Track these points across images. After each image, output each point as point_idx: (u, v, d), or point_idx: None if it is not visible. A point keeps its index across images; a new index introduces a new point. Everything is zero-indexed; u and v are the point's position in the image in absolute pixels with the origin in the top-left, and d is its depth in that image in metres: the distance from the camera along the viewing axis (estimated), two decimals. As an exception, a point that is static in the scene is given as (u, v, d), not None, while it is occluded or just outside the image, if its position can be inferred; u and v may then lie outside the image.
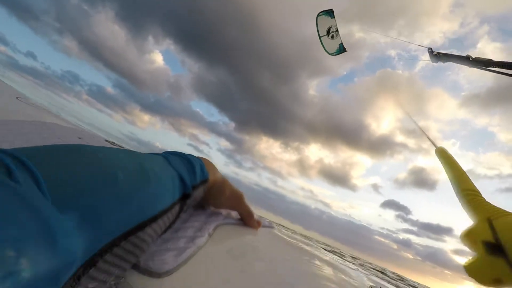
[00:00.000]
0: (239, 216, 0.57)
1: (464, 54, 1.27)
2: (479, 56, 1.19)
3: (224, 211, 0.56)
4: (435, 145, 0.79)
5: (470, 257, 0.44)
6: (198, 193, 0.45)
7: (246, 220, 0.56)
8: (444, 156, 0.71)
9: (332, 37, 4.21)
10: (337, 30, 4.14)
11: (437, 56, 1.59)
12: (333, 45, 4.25)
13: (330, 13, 3.99)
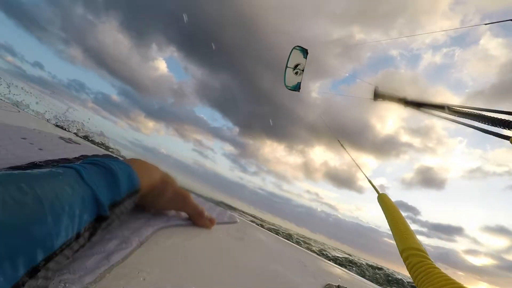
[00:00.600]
0: (187, 216, 0.56)
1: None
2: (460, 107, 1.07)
3: (170, 213, 0.54)
4: (377, 192, 0.75)
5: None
6: (123, 208, 0.40)
7: (195, 220, 0.55)
8: (387, 204, 0.66)
9: (296, 73, 4.44)
10: (302, 70, 4.41)
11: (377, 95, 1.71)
12: (293, 80, 4.47)
13: (304, 52, 4.26)
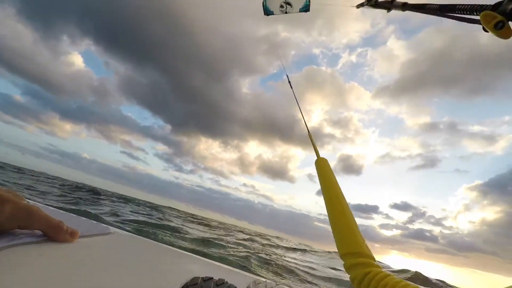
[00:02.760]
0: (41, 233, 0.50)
1: None
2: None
3: (17, 231, 0.48)
4: (317, 155, 0.67)
5: None
6: None
7: (52, 234, 0.49)
8: (323, 171, 0.58)
9: (281, 6, 4.11)
10: (286, 13, 4.08)
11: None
12: (273, 6, 4.16)
13: (306, 6, 3.89)
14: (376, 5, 1.85)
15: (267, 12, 4.25)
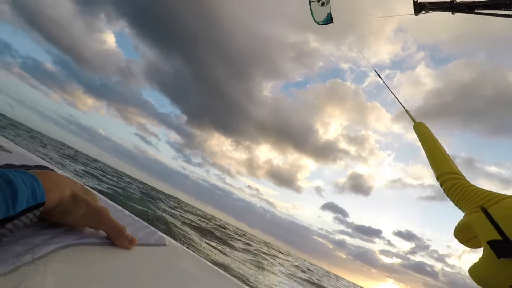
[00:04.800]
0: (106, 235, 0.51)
1: None
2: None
3: (86, 230, 0.50)
4: (414, 120, 0.72)
5: (477, 260, 0.35)
6: (19, 223, 0.38)
7: (113, 238, 0.51)
8: (422, 132, 0.64)
9: (323, 4, 4.00)
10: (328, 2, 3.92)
11: (421, 5, 1.50)
12: (322, 13, 4.06)
13: None
14: (435, 9, 1.53)
15: (328, 21, 4.12)
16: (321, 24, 4.13)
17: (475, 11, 1.09)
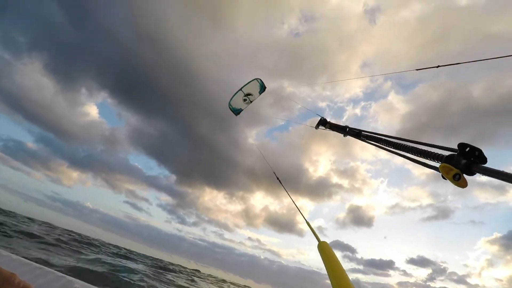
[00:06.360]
0: None
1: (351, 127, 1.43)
2: (361, 129, 1.35)
3: None
4: (318, 240, 0.76)
5: None
6: None
7: None
8: (325, 253, 0.67)
9: (245, 100, 4.53)
10: (251, 102, 4.53)
11: (324, 122, 1.80)
12: (238, 104, 4.51)
13: (262, 88, 4.46)
14: (332, 129, 2.06)
15: (236, 112, 4.59)
16: (230, 108, 4.49)
17: (361, 138, 1.35)
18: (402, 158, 1.03)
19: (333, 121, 1.92)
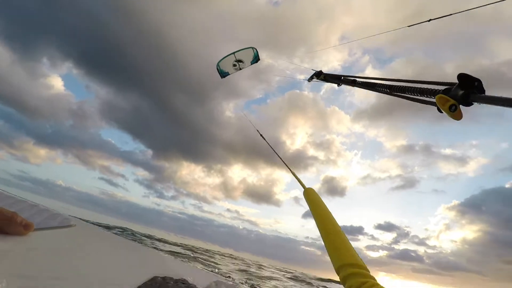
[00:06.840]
0: None
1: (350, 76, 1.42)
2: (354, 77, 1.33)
3: None
4: (303, 186, 0.73)
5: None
6: None
7: (3, 227, 0.47)
8: (312, 199, 0.65)
9: (234, 65, 4.36)
10: (240, 69, 4.37)
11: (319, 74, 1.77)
12: (227, 67, 4.34)
13: (255, 58, 4.27)
14: (326, 80, 2.03)
15: (223, 74, 4.42)
16: (217, 68, 4.33)
17: (356, 84, 1.34)
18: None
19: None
